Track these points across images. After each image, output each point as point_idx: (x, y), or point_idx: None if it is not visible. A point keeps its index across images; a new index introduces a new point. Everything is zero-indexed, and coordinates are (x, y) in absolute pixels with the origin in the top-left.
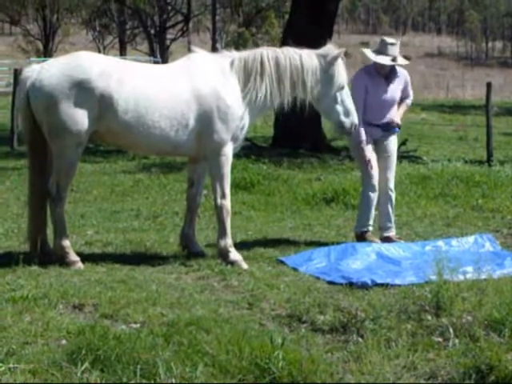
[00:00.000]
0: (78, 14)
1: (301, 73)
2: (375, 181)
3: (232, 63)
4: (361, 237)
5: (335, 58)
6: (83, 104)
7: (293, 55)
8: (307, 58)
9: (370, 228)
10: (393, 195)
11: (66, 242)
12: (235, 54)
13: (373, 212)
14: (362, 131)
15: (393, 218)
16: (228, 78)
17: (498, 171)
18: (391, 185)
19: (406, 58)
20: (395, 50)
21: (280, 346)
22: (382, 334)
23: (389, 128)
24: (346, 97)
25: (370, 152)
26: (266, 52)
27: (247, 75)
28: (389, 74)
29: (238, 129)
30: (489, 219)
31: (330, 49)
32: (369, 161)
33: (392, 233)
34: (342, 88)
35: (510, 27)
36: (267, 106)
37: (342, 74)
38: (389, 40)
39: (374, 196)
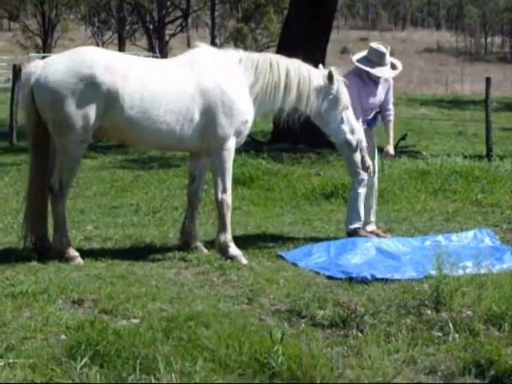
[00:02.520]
0: (76, 10)
1: (308, 85)
2: (365, 176)
3: (240, 60)
4: (354, 234)
5: (337, 78)
6: (89, 99)
7: (302, 67)
8: (314, 74)
9: (361, 224)
10: (376, 188)
11: (66, 238)
12: (243, 53)
13: (362, 207)
14: (363, 135)
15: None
16: (233, 73)
17: (498, 166)
18: (375, 177)
19: (391, 55)
20: (388, 57)
21: (279, 341)
22: (381, 328)
23: (374, 122)
24: (350, 115)
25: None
26: (276, 57)
27: (256, 74)
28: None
29: (242, 124)
30: (488, 214)
31: (329, 69)
32: (368, 167)
33: (374, 227)
34: (347, 108)
35: (509, 22)
36: (269, 108)
37: (345, 93)
38: (382, 49)
39: (364, 191)
